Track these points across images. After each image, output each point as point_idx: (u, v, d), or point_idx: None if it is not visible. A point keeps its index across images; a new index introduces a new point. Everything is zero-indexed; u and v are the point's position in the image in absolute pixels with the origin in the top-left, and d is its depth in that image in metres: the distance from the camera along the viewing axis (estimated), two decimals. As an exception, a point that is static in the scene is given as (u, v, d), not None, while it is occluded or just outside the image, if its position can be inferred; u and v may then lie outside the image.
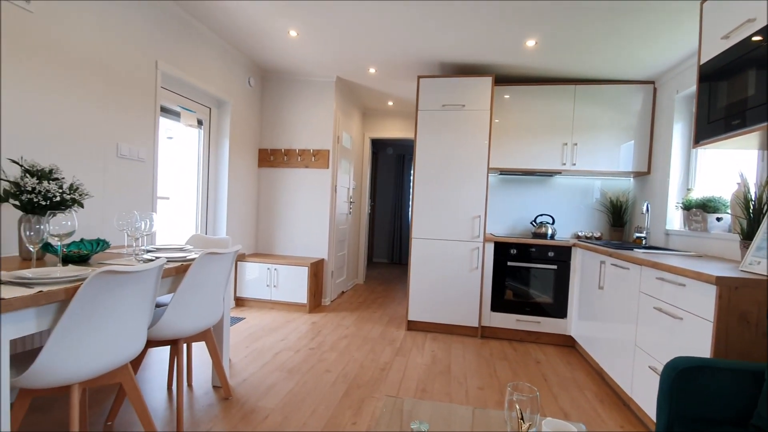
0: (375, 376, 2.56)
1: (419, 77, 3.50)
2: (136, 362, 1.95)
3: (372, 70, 3.95)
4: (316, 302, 4.14)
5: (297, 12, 2.84)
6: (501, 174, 3.96)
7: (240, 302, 4.08)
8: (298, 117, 4.29)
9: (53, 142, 2.12)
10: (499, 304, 3.46)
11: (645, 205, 3.22)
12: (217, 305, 2.01)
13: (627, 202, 3.75)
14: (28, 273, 1.32)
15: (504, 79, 3.86)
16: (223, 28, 3.23)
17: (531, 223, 3.89)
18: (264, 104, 4.35)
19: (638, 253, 2.41)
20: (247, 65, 3.97)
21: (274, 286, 3.97)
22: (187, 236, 3.48)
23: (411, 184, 7.68)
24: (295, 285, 3.94)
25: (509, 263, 3.44)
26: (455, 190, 3.47)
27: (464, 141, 3.45)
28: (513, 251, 3.43)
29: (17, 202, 1.66)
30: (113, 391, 2.23)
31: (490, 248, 3.45)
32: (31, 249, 1.44)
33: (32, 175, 1.69)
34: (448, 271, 3.49)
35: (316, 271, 4.10)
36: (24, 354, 1.46)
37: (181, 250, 2.17)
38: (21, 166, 1.72)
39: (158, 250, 2.15)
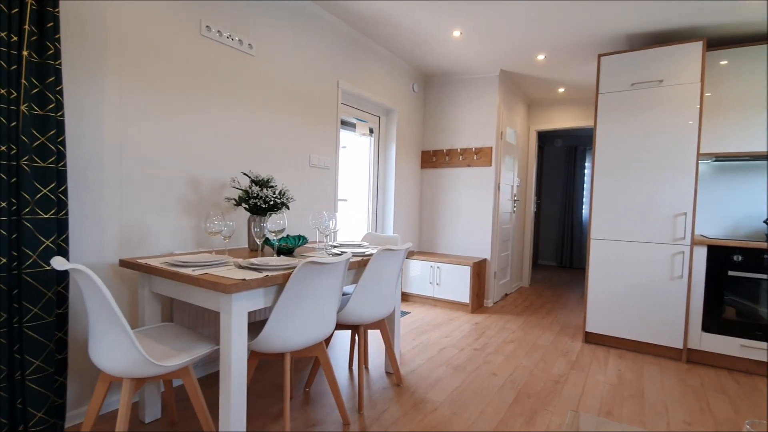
0: (547, 388, 2.36)
1: (600, 56, 3.08)
2: (326, 342, 2.27)
3: (541, 57, 3.66)
4: (478, 303, 4.08)
5: (462, 10, 2.85)
6: (716, 161, 3.16)
7: (404, 297, 4.33)
8: (459, 116, 4.31)
9: (268, 156, 2.66)
10: (714, 323, 2.77)
11: None
12: (391, 297, 2.17)
13: None
14: (255, 261, 1.68)
15: (718, 41, 3.07)
16: (390, 41, 3.48)
17: (766, 221, 2.98)
18: (426, 107, 4.52)
19: None
20: (411, 72, 4.19)
21: (437, 284, 4.08)
22: (360, 234, 3.88)
23: (586, 178, 6.84)
24: (457, 284, 3.97)
25: (730, 273, 2.71)
26: (648, 183, 2.93)
27: (662, 124, 2.88)
28: (737, 258, 2.69)
29: (247, 206, 2.13)
30: (308, 363, 2.64)
31: (700, 253, 2.79)
32: (257, 242, 1.83)
33: (256, 184, 2.14)
34: (640, 278, 2.96)
35: (479, 271, 4.04)
36: (251, 324, 1.86)
37: (359, 246, 2.43)
38: (249, 177, 2.20)
39: (341, 245, 2.45)
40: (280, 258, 1.80)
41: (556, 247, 7.13)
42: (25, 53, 1.46)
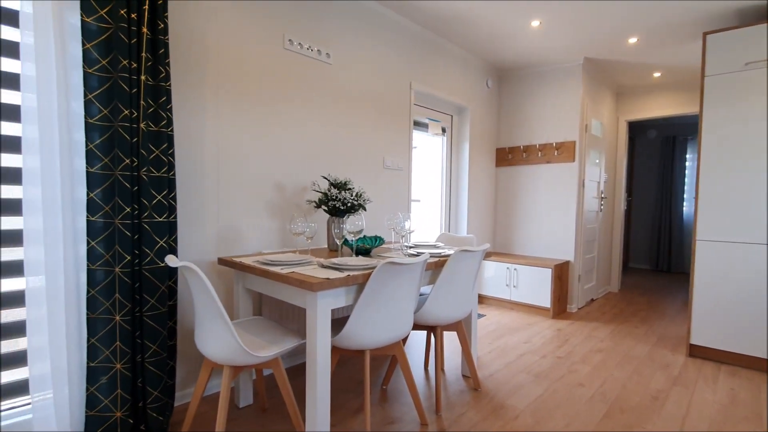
0: (645, 404, 2.15)
1: (705, 34, 2.72)
2: (402, 341, 2.30)
3: (632, 40, 3.34)
4: (560, 307, 3.84)
5: None
6: None
7: (479, 299, 4.22)
8: (537, 110, 4.09)
9: (345, 160, 2.76)
10: None
11: None
12: (468, 299, 2.13)
13: None
14: (336, 261, 1.75)
15: None
16: (462, 38, 3.41)
17: None
18: (501, 103, 4.36)
19: None
20: (485, 68, 4.07)
21: (514, 286, 3.91)
22: (432, 234, 3.86)
23: (689, 171, 6.10)
24: (536, 287, 3.77)
25: None
26: (769, 175, 2.53)
27: (785, 106, 2.47)
28: None
29: (326, 208, 2.23)
30: (385, 361, 2.69)
31: (840, 258, 2.34)
32: (337, 243, 1.91)
33: (335, 187, 2.23)
34: (758, 285, 2.57)
35: (560, 273, 3.80)
36: (333, 321, 1.94)
37: (434, 246, 2.42)
38: (328, 180, 2.31)
39: (416, 246, 2.46)
40: (359, 258, 1.86)
41: (649, 248, 6.45)
42: (143, 78, 1.68)
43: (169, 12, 1.90)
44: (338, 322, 1.88)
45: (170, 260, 1.59)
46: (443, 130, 3.86)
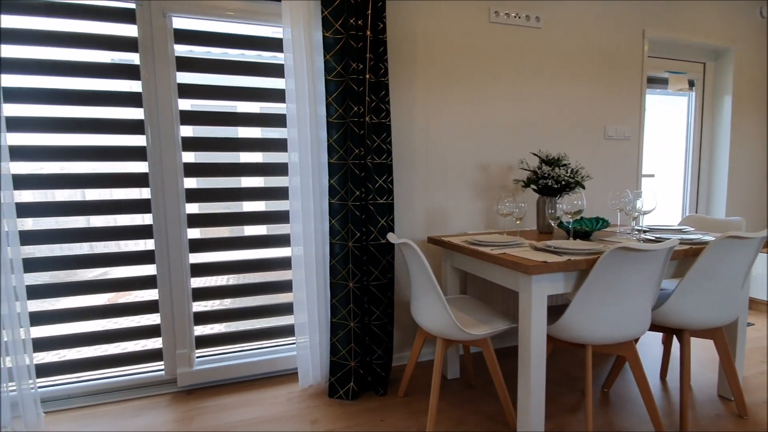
0: None
1: None
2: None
3: None
4: None
5: None
6: None
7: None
8: None
9: (556, 133, 2.50)
10: None
11: None
12: (733, 301, 1.63)
13: None
14: (552, 243, 1.60)
15: None
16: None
17: None
18: (789, 34, 3.11)
19: None
20: (761, -11, 2.97)
21: (810, 290, 2.80)
22: (671, 216, 3.12)
23: None
24: None
25: None
26: None
27: None
28: None
29: (536, 187, 2.07)
30: (605, 360, 2.36)
31: None
32: (552, 224, 1.74)
33: (546, 164, 2.04)
34: None
35: None
36: (550, 308, 1.80)
37: (680, 231, 1.94)
38: (539, 157, 2.13)
39: (651, 230, 2.03)
40: (578, 242, 1.66)
41: None
42: (367, 76, 1.91)
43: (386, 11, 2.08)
44: (552, 310, 1.73)
45: (391, 237, 1.78)
46: (690, 84, 3.03)
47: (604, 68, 2.57)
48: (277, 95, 2.09)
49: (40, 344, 1.89)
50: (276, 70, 2.08)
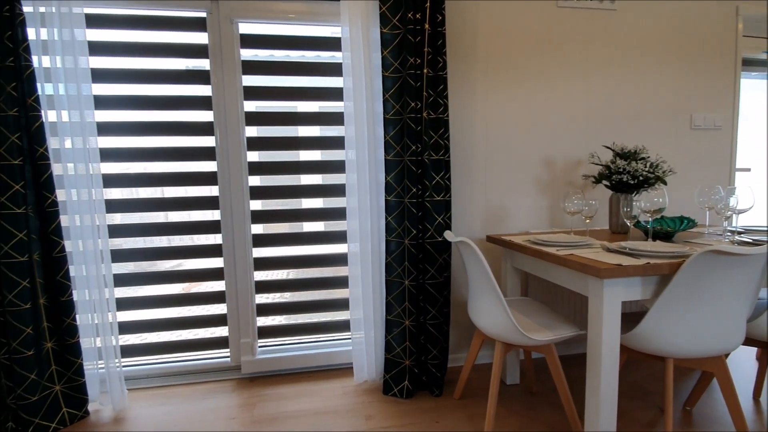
0: None
1: None
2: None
3: None
4: None
5: None
6: None
7: None
8: None
9: (631, 124, 2.29)
10: None
11: None
12: None
13: None
14: (627, 245, 1.46)
15: None
16: None
17: None
18: None
19: None
20: None
21: None
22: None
23: None
24: None
25: None
26: None
27: None
28: None
29: (608, 183, 1.91)
30: (688, 375, 2.13)
31: None
32: (627, 223, 1.60)
33: (621, 158, 1.87)
34: None
35: None
36: (624, 315, 1.66)
37: (784, 233, 1.69)
38: (613, 150, 1.96)
39: (747, 231, 1.79)
40: (658, 243, 1.50)
41: None
42: (425, 71, 1.87)
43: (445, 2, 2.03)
44: (626, 317, 1.59)
45: (448, 235, 1.73)
46: (796, 65, 2.63)
47: (689, 51, 2.31)
48: (335, 94, 2.13)
49: (125, 327, 2.09)
50: (334, 69, 2.11)
